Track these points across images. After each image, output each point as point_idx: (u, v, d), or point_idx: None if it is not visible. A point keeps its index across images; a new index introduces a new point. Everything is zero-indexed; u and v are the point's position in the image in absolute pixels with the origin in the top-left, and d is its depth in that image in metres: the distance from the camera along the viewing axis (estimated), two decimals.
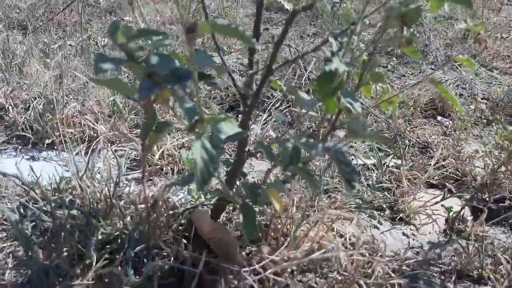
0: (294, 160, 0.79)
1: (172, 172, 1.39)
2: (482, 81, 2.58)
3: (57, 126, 1.47)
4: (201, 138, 0.70)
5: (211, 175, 0.70)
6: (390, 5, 0.76)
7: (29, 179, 1.21)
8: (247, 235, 0.92)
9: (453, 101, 0.91)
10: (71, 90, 1.76)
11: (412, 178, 1.50)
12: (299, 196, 1.27)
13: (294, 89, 1.00)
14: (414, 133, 1.85)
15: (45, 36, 2.69)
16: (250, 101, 0.99)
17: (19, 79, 1.76)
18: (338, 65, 0.81)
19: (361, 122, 0.68)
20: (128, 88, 0.71)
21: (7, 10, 3.10)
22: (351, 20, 0.87)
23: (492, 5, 4.41)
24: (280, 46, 0.88)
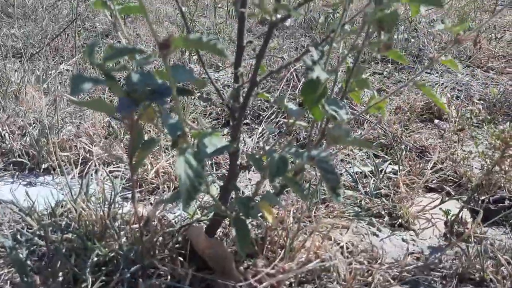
0: (281, 170, 0.79)
1: (168, 190, 1.39)
2: (479, 82, 2.57)
3: (53, 150, 1.48)
4: (185, 154, 0.70)
5: (197, 190, 0.70)
6: (366, 10, 0.76)
7: (25, 204, 1.22)
8: (241, 249, 0.91)
9: (438, 102, 0.91)
10: (67, 113, 1.77)
11: (410, 183, 1.49)
12: (295, 207, 1.26)
13: (281, 100, 1.00)
14: (411, 137, 1.85)
15: (41, 63, 2.72)
16: (238, 114, 1.00)
17: (15, 106, 1.77)
18: (319, 73, 0.82)
19: (344, 128, 0.68)
20: (111, 107, 0.71)
21: (3, 38, 3.15)
22: (331, 28, 0.87)
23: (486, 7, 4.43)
24: (261, 59, 0.89)
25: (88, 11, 3.85)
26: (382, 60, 2.92)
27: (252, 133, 1.84)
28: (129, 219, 1.12)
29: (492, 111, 2.11)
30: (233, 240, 1.14)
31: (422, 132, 1.93)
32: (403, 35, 3.09)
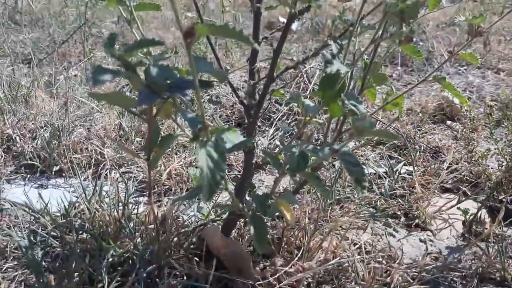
0: (302, 165, 0.77)
1: (181, 192, 1.38)
2: (490, 84, 2.55)
3: (64, 153, 1.47)
4: (206, 147, 0.68)
5: (218, 183, 0.68)
6: (387, 1, 0.75)
7: (38, 206, 1.21)
8: (259, 247, 0.89)
9: (458, 95, 0.89)
10: (77, 117, 1.77)
11: (425, 183, 1.47)
12: (311, 207, 1.25)
13: (297, 96, 0.99)
14: (424, 138, 1.83)
15: (50, 68, 2.72)
16: (254, 111, 0.98)
17: (25, 110, 1.77)
18: (339, 66, 0.80)
19: (368, 120, 0.67)
20: (128, 100, 0.70)
21: (12, 45, 3.16)
22: (349, 22, 0.86)
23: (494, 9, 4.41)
24: (279, 54, 0.87)
25: (95, 17, 3.87)
26: (391, 62, 2.90)
27: (263, 135, 1.83)
28: (143, 219, 1.11)
29: (505, 111, 2.08)
30: (249, 240, 1.12)
31: (435, 133, 1.91)
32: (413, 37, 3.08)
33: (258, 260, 1.08)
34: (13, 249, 1.12)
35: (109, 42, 0.64)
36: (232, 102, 2.02)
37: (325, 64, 0.81)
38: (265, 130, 1.87)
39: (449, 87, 0.92)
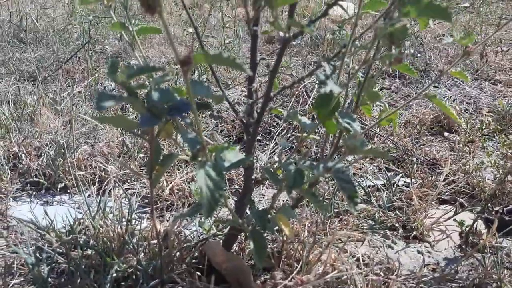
0: (298, 181, 0.80)
1: (183, 207, 1.41)
2: (487, 95, 2.59)
3: (69, 170, 1.50)
4: (205, 167, 0.71)
5: (217, 201, 0.72)
6: (377, 25, 0.78)
7: (43, 223, 1.24)
8: (259, 261, 0.92)
9: (449, 112, 0.93)
10: (81, 134, 1.81)
11: (422, 195, 1.49)
12: (310, 220, 1.27)
13: (294, 114, 1.03)
14: (422, 150, 1.86)
15: (54, 85, 2.77)
16: (252, 129, 1.02)
17: (30, 128, 1.81)
18: (332, 87, 0.84)
19: (359, 139, 0.70)
20: (131, 122, 0.73)
21: (17, 63, 3.22)
22: (342, 43, 0.90)
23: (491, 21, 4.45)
24: (275, 74, 0.91)
25: (98, 34, 3.93)
26: (389, 75, 2.94)
27: (263, 149, 1.86)
28: (146, 235, 1.14)
29: (502, 123, 2.11)
30: (249, 254, 1.15)
31: (432, 145, 1.94)
32: (410, 50, 3.12)
33: (259, 274, 1.11)
34: (20, 265, 1.15)
35: (112, 69, 0.68)
36: (233, 117, 2.06)
37: (319, 84, 0.85)
38: (265, 144, 1.91)
39: (440, 104, 0.95)
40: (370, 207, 1.45)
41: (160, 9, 0.55)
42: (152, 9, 0.55)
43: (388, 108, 1.10)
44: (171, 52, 3.73)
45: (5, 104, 2.19)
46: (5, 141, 1.67)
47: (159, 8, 0.55)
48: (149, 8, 0.55)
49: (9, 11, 3.97)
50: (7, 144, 1.65)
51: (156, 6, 0.55)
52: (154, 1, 0.55)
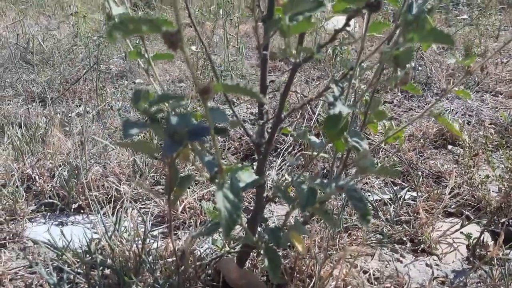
0: (311, 201, 0.84)
1: (195, 225, 1.44)
2: (488, 107, 2.62)
3: (82, 191, 1.54)
4: (223, 189, 0.75)
5: (235, 222, 0.75)
6: (383, 49, 0.82)
7: (60, 244, 1.27)
8: (274, 277, 0.95)
9: (454, 130, 0.96)
10: (92, 154, 1.85)
11: (429, 208, 1.52)
12: (320, 236, 1.30)
13: (304, 134, 1.06)
14: (426, 164, 1.89)
15: (62, 106, 2.82)
16: (264, 149, 1.05)
17: (42, 149, 1.85)
18: (341, 108, 0.88)
19: (369, 159, 0.73)
20: (152, 148, 0.77)
21: (25, 84, 3.27)
22: (350, 65, 0.94)
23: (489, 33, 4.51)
24: (286, 97, 0.95)
25: (103, 54, 3.99)
26: (391, 89, 2.99)
27: (271, 165, 1.89)
28: (162, 253, 1.17)
29: (504, 135, 2.14)
30: (262, 270, 1.18)
31: (436, 158, 1.97)
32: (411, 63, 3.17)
33: None
34: (39, 285, 1.18)
35: (135, 98, 0.72)
36: (240, 134, 2.09)
37: (328, 106, 0.89)
38: (272, 161, 1.94)
39: (446, 122, 0.99)
40: (378, 221, 1.48)
41: (181, 45, 0.59)
42: (174, 45, 0.59)
43: (392, 123, 1.13)
44: (175, 69, 3.80)
45: (16, 125, 2.24)
46: (19, 163, 1.70)
47: (180, 44, 0.59)
48: (171, 44, 0.59)
49: (16, 33, 4.05)
50: (20, 166, 1.68)
51: (178, 42, 0.59)
52: (176, 38, 0.59)
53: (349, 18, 0.81)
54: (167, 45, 0.60)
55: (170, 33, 0.59)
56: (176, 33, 0.59)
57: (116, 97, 3.08)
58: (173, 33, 0.59)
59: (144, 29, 0.61)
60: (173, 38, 0.59)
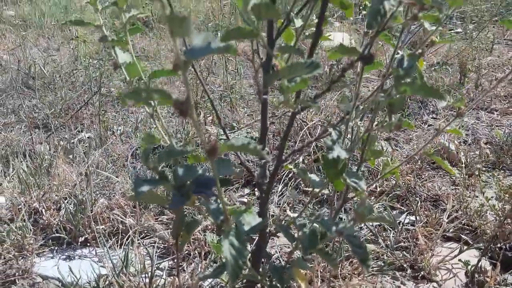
0: (313, 244, 0.88)
1: (199, 256, 1.47)
2: (484, 125, 2.67)
3: (88, 223, 1.58)
4: (229, 237, 0.79)
5: (241, 268, 0.79)
6: (377, 98, 0.87)
7: (68, 279, 1.30)
8: None
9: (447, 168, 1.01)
10: (96, 184, 1.88)
11: (428, 234, 1.56)
12: (321, 265, 1.34)
13: (304, 172, 1.10)
14: (424, 186, 1.93)
15: (65, 132, 2.87)
16: (266, 188, 1.10)
17: (48, 181, 1.89)
18: (339, 152, 0.92)
19: (367, 206, 0.77)
20: (163, 199, 0.81)
21: (27, 110, 3.32)
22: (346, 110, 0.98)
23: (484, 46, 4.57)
24: (286, 140, 0.99)
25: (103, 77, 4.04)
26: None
27: (271, 191, 1.93)
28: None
29: (500, 154, 2.19)
30: None
31: (434, 180, 2.01)
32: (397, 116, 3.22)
33: None
34: None
35: (144, 156, 0.76)
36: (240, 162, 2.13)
37: (327, 150, 0.93)
38: (273, 187, 1.98)
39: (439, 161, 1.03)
40: (378, 248, 1.51)
41: (191, 112, 0.64)
42: (185, 113, 0.64)
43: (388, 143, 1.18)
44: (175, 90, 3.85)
45: (21, 155, 2.28)
46: (26, 197, 1.74)
47: (190, 111, 0.64)
48: (182, 112, 0.64)
49: (18, 59, 4.10)
50: (27, 199, 1.72)
51: (188, 111, 0.63)
52: (187, 107, 0.63)
53: (344, 70, 0.86)
54: (177, 113, 0.64)
55: (180, 102, 0.63)
56: (186, 102, 0.63)
57: (117, 122, 3.13)
58: (184, 102, 0.63)
59: (155, 97, 0.65)
60: (184, 106, 0.63)
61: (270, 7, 0.73)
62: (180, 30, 0.53)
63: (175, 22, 0.52)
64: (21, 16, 6.70)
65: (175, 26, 0.52)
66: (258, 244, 1.19)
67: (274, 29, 0.93)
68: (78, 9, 6.93)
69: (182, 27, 0.52)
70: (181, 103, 0.64)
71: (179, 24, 0.52)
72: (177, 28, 0.53)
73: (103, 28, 1.06)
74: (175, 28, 0.53)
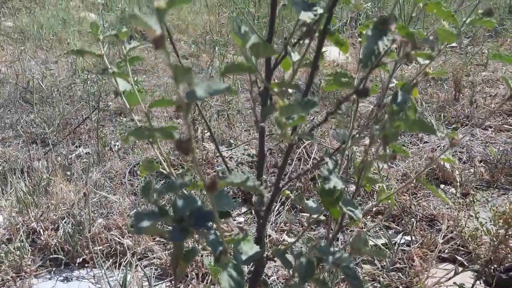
0: (310, 274, 0.89)
1: (197, 278, 1.48)
2: (478, 142, 2.70)
3: (86, 244, 1.58)
4: (227, 269, 0.80)
5: None
6: (372, 130, 0.89)
7: None
8: None
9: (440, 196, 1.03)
10: (94, 203, 1.89)
11: (423, 255, 1.57)
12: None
13: (301, 198, 1.12)
14: (420, 205, 1.95)
15: (62, 147, 2.88)
16: (263, 215, 1.11)
17: (46, 200, 1.90)
18: (335, 182, 0.94)
19: (362, 239, 0.79)
20: (163, 231, 0.83)
21: (24, 125, 3.33)
22: (342, 139, 1.00)
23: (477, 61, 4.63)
24: (283, 169, 1.01)
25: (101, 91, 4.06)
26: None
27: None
28: None
29: (494, 173, 2.21)
30: None
31: (429, 199, 2.03)
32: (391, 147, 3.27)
33: None
34: None
35: (145, 190, 0.78)
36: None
37: (323, 180, 0.95)
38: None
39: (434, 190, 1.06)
40: (374, 270, 1.53)
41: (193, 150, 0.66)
42: (186, 151, 0.66)
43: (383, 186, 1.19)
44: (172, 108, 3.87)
45: (18, 171, 2.28)
46: (24, 217, 1.75)
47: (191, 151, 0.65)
48: (183, 150, 0.65)
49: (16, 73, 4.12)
50: (26, 219, 1.73)
51: (189, 150, 0.65)
52: (188, 145, 0.65)
53: (339, 103, 0.88)
54: (178, 151, 0.66)
55: (182, 141, 0.65)
56: (187, 141, 0.65)
57: (115, 137, 3.14)
58: (185, 141, 0.65)
59: (157, 136, 0.67)
60: (185, 145, 0.65)
61: (267, 47, 0.76)
62: (183, 78, 0.55)
63: (179, 71, 0.54)
64: (19, 28, 6.72)
65: (178, 74, 0.54)
66: (255, 268, 1.21)
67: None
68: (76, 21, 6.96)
69: (185, 76, 0.54)
70: (183, 143, 0.66)
71: (182, 73, 0.54)
72: (180, 77, 0.55)
73: (104, 58, 1.09)
74: (179, 77, 0.55)
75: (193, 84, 0.54)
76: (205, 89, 0.55)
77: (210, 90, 0.56)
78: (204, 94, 0.54)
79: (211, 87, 0.56)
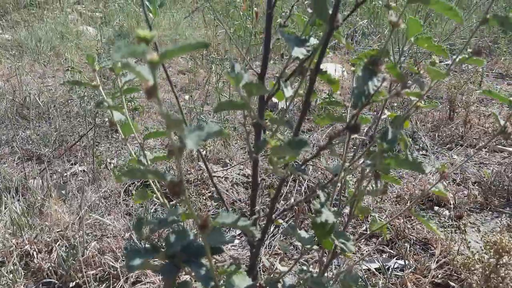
0: None
1: None
2: (473, 163, 2.72)
3: (79, 268, 1.58)
4: None
5: None
6: (363, 165, 0.90)
7: None
8: None
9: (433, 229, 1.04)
10: (88, 224, 1.89)
11: (416, 281, 1.58)
12: None
13: (293, 229, 1.13)
14: (414, 229, 1.95)
15: (58, 165, 2.88)
16: (256, 244, 1.12)
17: (40, 221, 1.90)
18: (327, 216, 0.95)
19: (353, 275, 0.80)
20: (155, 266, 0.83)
21: (20, 142, 3.33)
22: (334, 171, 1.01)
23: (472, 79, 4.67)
24: (276, 201, 1.02)
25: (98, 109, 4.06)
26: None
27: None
28: None
29: (488, 195, 2.22)
30: None
31: None
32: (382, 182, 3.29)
33: None
34: None
35: (137, 226, 0.78)
36: (233, 200, 2.16)
37: (315, 213, 0.96)
38: None
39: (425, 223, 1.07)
40: None
41: (184, 193, 0.66)
42: (178, 194, 0.66)
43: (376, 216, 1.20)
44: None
45: (13, 191, 2.28)
46: (17, 239, 1.75)
47: (182, 193, 0.66)
48: (175, 192, 0.66)
49: (13, 89, 4.12)
50: (19, 242, 1.72)
51: (181, 192, 0.66)
52: (180, 188, 0.66)
53: (331, 138, 0.89)
54: (171, 193, 0.67)
55: (174, 184, 0.66)
56: (179, 183, 0.66)
57: (110, 154, 3.15)
58: (176, 183, 0.66)
59: (150, 176, 0.68)
60: (177, 188, 0.66)
61: (259, 86, 0.77)
62: (174, 127, 0.56)
63: (171, 121, 0.55)
64: (17, 41, 6.74)
65: (170, 124, 0.56)
66: None
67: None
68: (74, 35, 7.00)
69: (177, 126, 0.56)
70: (175, 185, 0.67)
71: (174, 124, 0.55)
72: (173, 126, 0.56)
73: (100, 89, 1.10)
74: (170, 126, 0.56)
75: (184, 136, 0.55)
76: (195, 140, 0.56)
77: (201, 137, 0.57)
78: (195, 146, 0.55)
79: (202, 135, 0.57)
